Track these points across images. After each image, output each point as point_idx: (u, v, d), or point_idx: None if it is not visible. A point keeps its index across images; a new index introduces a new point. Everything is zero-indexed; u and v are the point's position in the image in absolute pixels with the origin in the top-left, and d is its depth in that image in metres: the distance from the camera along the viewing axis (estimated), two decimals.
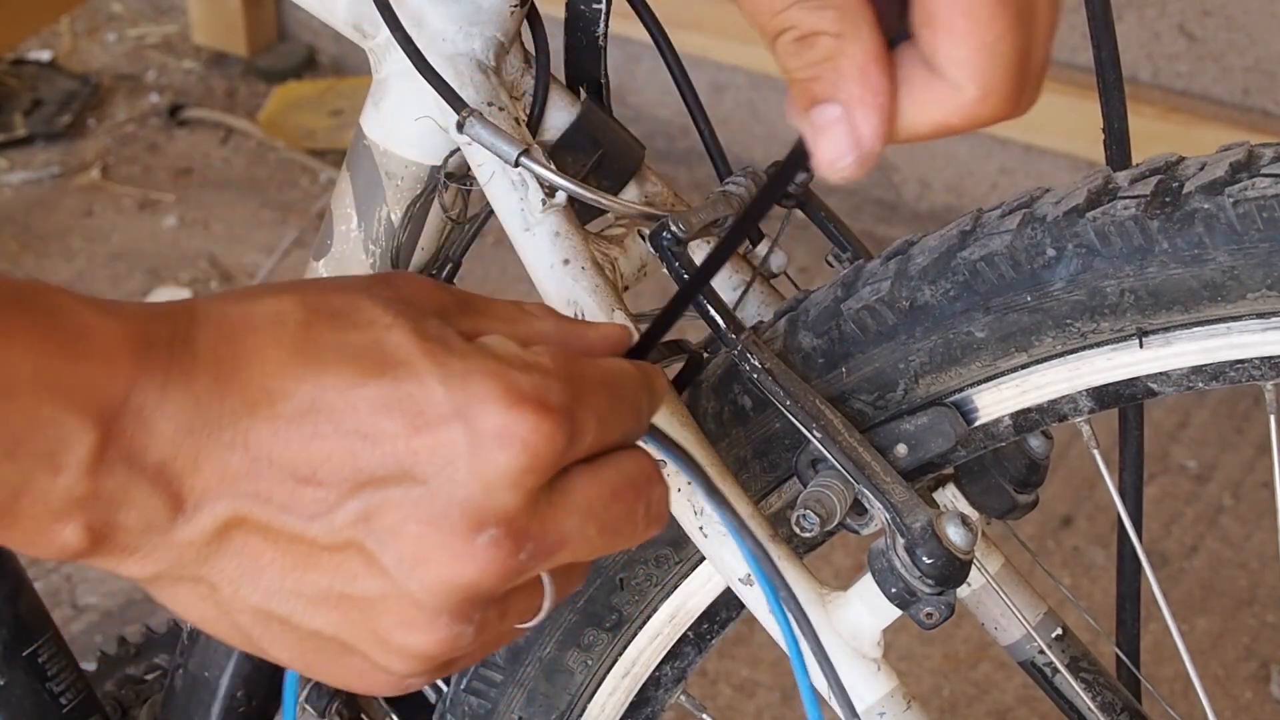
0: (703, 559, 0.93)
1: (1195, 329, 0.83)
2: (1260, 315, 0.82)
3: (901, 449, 0.88)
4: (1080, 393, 0.87)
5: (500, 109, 0.93)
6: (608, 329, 0.74)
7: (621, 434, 0.70)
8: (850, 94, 0.64)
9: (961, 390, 0.87)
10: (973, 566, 0.88)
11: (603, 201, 0.92)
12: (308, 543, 0.66)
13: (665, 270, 0.89)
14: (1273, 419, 0.87)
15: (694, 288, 0.79)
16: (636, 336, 0.76)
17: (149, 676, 1.25)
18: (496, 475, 0.65)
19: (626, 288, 0.95)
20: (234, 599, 0.67)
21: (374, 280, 0.70)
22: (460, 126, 0.91)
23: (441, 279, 1.01)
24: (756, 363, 0.86)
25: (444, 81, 0.91)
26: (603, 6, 0.95)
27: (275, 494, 0.65)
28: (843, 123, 0.65)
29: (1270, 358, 0.83)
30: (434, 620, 0.67)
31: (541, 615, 0.70)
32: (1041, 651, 1.02)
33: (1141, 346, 0.84)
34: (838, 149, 0.65)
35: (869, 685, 0.88)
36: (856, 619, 0.88)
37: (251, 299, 0.67)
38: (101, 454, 0.62)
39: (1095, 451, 0.91)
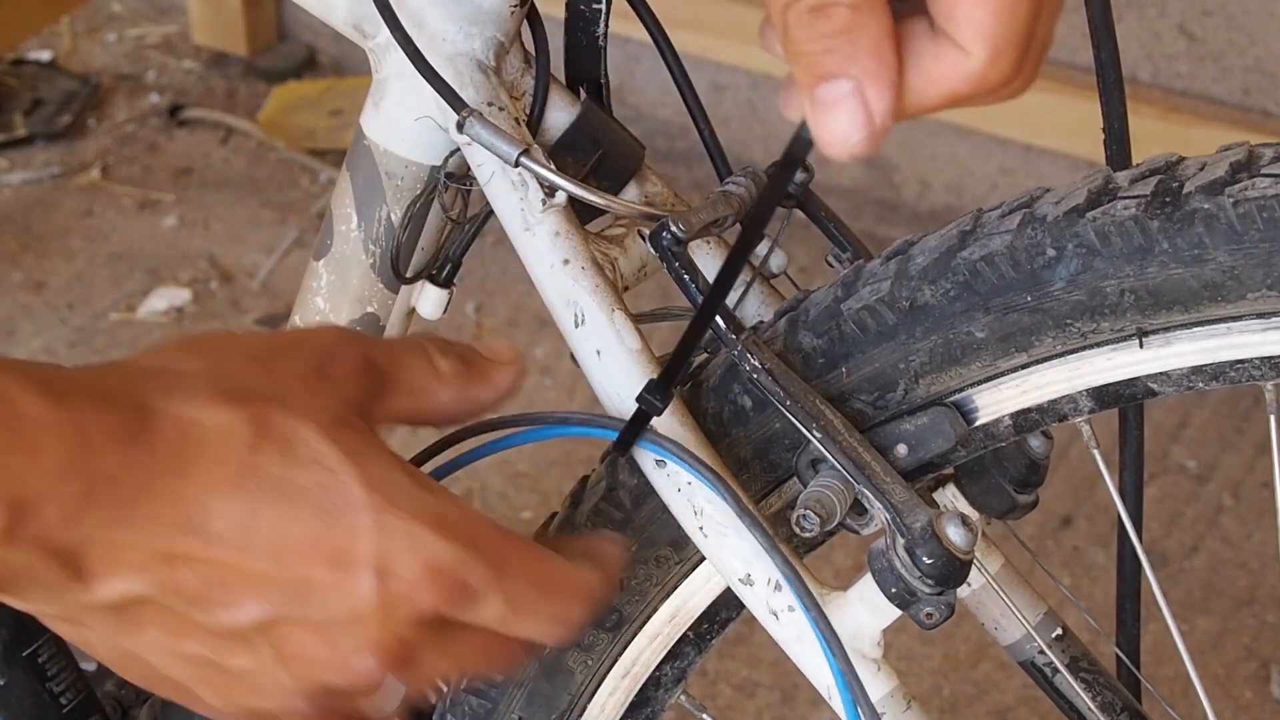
0: (703, 559, 0.93)
1: (1195, 329, 0.83)
2: (1260, 315, 0.82)
3: (901, 449, 0.88)
4: (1080, 393, 0.86)
5: (500, 109, 0.93)
6: (495, 383, 0.81)
7: (530, 628, 0.75)
8: (865, 68, 0.63)
9: (961, 390, 0.87)
10: (973, 566, 0.88)
11: (603, 201, 0.92)
12: (199, 625, 0.70)
13: (665, 270, 0.89)
14: (1273, 419, 0.87)
15: (711, 306, 0.80)
16: (521, 364, 0.82)
17: None
18: (393, 623, 0.71)
19: (627, 288, 0.95)
20: (106, 640, 0.72)
21: (313, 370, 0.73)
22: (460, 126, 0.91)
23: (442, 279, 1.01)
24: (756, 363, 0.86)
25: (444, 81, 0.91)
26: (603, 6, 0.95)
27: (185, 587, 0.69)
28: (853, 98, 0.63)
29: (1270, 358, 0.83)
30: (289, 698, 0.73)
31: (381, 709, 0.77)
32: (1041, 651, 1.02)
33: (1141, 346, 0.84)
34: (849, 125, 0.63)
35: (869, 685, 0.88)
36: (856, 619, 0.88)
37: (208, 404, 0.69)
38: (9, 533, 0.64)
39: (1095, 451, 0.91)
